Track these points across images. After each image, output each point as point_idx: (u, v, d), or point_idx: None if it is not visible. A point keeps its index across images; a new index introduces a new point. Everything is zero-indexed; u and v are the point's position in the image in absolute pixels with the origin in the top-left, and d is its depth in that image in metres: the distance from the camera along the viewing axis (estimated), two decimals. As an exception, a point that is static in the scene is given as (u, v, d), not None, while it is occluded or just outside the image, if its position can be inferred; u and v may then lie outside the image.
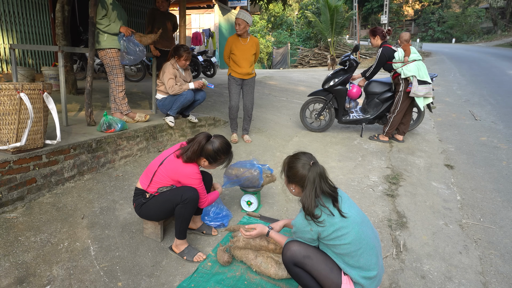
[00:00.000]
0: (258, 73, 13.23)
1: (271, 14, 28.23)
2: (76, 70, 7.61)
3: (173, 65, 3.73)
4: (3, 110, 2.24)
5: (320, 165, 1.67)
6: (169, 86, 3.67)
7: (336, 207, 1.60)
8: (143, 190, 2.17)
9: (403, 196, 3.14)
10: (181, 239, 2.17)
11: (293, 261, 1.65)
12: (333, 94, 4.87)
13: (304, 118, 5.16)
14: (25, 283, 1.84)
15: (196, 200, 2.08)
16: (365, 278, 1.56)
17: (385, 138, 4.71)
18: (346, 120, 4.96)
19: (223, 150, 2.13)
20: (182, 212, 2.06)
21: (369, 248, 1.58)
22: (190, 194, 2.05)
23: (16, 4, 6.59)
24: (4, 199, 2.32)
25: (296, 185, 1.71)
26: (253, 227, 1.96)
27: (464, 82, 9.90)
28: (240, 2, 13.33)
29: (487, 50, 20.37)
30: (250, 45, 4.07)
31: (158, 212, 2.14)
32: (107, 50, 3.46)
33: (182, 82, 3.81)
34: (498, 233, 2.59)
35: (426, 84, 4.24)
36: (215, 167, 2.24)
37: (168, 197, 2.08)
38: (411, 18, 34.94)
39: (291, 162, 1.72)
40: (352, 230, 1.56)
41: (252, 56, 4.13)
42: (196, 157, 2.11)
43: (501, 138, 4.88)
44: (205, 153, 2.11)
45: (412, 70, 4.23)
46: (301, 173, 1.65)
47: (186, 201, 2.04)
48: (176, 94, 3.73)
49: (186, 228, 2.16)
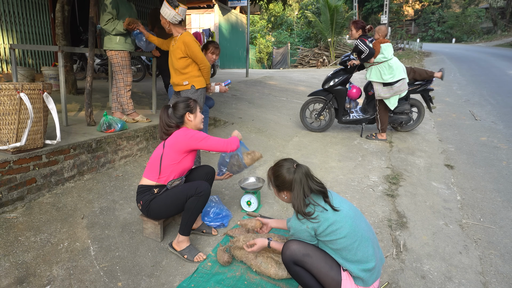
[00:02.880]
0: (258, 73, 13.22)
1: (271, 14, 28.22)
2: (76, 70, 7.61)
3: None
4: (3, 110, 2.24)
5: (303, 165, 1.71)
6: None
7: (327, 202, 1.63)
8: (150, 186, 2.16)
9: (403, 196, 3.14)
10: (185, 236, 2.16)
11: (293, 260, 1.65)
12: (333, 94, 4.87)
13: (304, 118, 5.16)
14: (25, 283, 1.84)
15: (208, 195, 2.14)
16: (364, 271, 1.58)
17: (383, 136, 4.73)
18: (346, 120, 4.96)
19: (183, 99, 2.28)
20: (194, 205, 2.08)
21: (364, 240, 1.60)
22: (204, 187, 2.10)
23: (16, 4, 6.59)
24: (4, 199, 2.32)
25: (287, 191, 1.73)
26: (253, 242, 1.98)
27: (464, 82, 9.90)
28: (240, 2, 13.33)
29: (487, 50, 20.37)
30: (177, 46, 3.01)
31: (169, 207, 2.13)
32: (119, 51, 3.48)
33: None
34: (498, 233, 2.59)
35: (396, 83, 4.34)
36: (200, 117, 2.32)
37: (182, 189, 2.12)
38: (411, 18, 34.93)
39: (276, 171, 1.74)
40: (345, 223, 1.58)
41: (179, 61, 3.01)
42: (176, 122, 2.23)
43: (501, 138, 4.88)
44: (178, 111, 2.23)
45: (373, 75, 4.40)
46: (288, 178, 1.68)
47: (201, 194, 2.08)
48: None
49: (192, 224, 2.16)
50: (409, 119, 4.94)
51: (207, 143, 2.18)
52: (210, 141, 2.19)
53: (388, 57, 4.37)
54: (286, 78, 11.53)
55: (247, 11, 11.72)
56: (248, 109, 6.06)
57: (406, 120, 4.90)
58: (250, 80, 10.05)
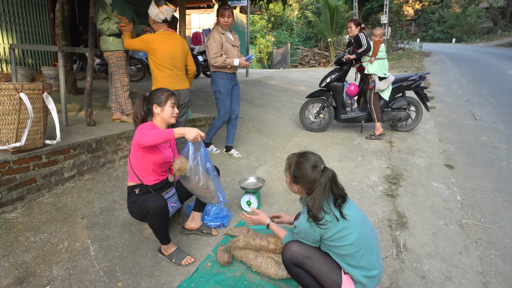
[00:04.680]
0: (258, 73, 13.22)
1: (271, 14, 28.19)
2: (76, 70, 7.61)
3: (217, 30, 3.35)
4: (2, 110, 2.24)
5: (330, 169, 1.62)
6: (212, 54, 3.27)
7: (337, 209, 1.58)
8: (131, 186, 2.15)
9: (403, 196, 3.13)
10: (165, 244, 2.14)
11: (293, 261, 1.64)
12: (330, 91, 4.92)
13: (304, 118, 5.18)
14: (25, 283, 1.84)
15: (162, 208, 1.96)
16: (366, 277, 1.56)
17: (380, 130, 4.79)
18: (345, 117, 5.00)
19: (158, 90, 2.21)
20: (151, 223, 2.00)
21: (370, 248, 1.58)
22: (153, 204, 1.94)
23: (16, 4, 6.59)
24: (4, 199, 2.31)
25: (301, 186, 1.66)
26: (256, 212, 1.94)
27: (464, 82, 9.89)
28: (240, 2, 13.31)
29: (487, 50, 20.36)
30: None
31: (141, 217, 2.12)
32: (114, 51, 3.48)
33: (230, 51, 3.37)
34: (498, 233, 2.59)
35: (388, 77, 4.73)
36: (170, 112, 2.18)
37: (140, 204, 2.04)
38: (411, 18, 34.92)
39: (300, 163, 1.65)
40: (354, 230, 1.55)
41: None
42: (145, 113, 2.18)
43: (501, 138, 4.88)
44: (148, 102, 2.18)
45: (375, 68, 4.65)
46: (311, 176, 1.60)
47: (151, 213, 1.95)
48: (219, 67, 3.32)
49: (165, 234, 2.09)
50: (408, 115, 4.99)
51: (145, 138, 1.90)
52: (148, 135, 1.91)
53: (385, 55, 4.73)
54: (286, 78, 11.53)
55: (247, 11, 11.73)
56: (248, 109, 6.06)
57: (405, 116, 4.96)
58: (250, 80, 10.04)
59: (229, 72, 3.51)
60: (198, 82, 8.70)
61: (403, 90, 4.92)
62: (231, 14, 3.39)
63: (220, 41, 3.36)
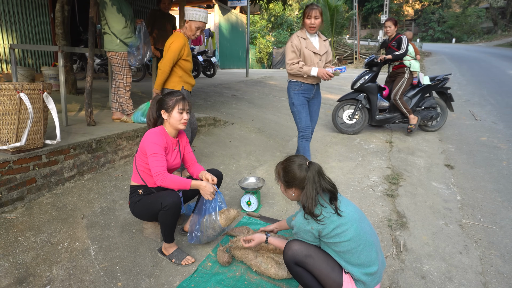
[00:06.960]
0: (258, 73, 13.23)
1: (271, 14, 28.20)
2: (76, 70, 7.62)
3: (299, 33, 2.98)
4: (3, 110, 2.24)
5: (315, 163, 1.67)
6: (288, 60, 2.93)
7: (334, 204, 1.61)
8: (135, 186, 2.16)
9: (403, 196, 3.13)
10: (169, 243, 2.15)
11: (294, 260, 1.64)
12: (364, 92, 4.93)
13: (338, 122, 5.16)
14: (25, 283, 1.84)
15: (177, 205, 2.00)
16: (366, 275, 1.57)
17: (414, 119, 4.91)
18: (381, 118, 5.02)
19: (168, 94, 2.17)
20: (164, 219, 2.02)
21: (368, 244, 1.59)
22: (169, 200, 1.98)
23: (16, 4, 6.59)
24: (4, 199, 2.31)
25: (296, 188, 1.70)
26: (251, 238, 1.97)
27: (464, 82, 9.90)
28: (240, 2, 13.31)
29: (487, 50, 20.36)
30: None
31: (147, 214, 2.12)
32: (119, 52, 3.49)
33: (309, 58, 2.94)
34: (498, 233, 2.59)
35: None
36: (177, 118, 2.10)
37: (152, 200, 2.05)
38: (411, 18, 34.93)
39: (287, 167, 1.70)
40: (351, 227, 1.57)
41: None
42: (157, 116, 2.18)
43: (501, 138, 4.88)
44: (159, 106, 2.15)
45: (416, 66, 4.91)
46: (299, 175, 1.65)
47: (166, 208, 1.97)
48: (294, 74, 2.97)
49: (172, 232, 2.11)
50: (438, 114, 5.09)
51: (159, 180, 1.97)
52: (152, 160, 1.99)
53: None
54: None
55: (247, 11, 11.72)
56: (248, 109, 6.06)
57: (436, 115, 5.06)
58: (250, 80, 10.05)
59: (306, 82, 3.05)
60: (198, 82, 8.71)
61: (431, 90, 5.02)
62: (319, 15, 2.88)
63: (298, 46, 2.94)
